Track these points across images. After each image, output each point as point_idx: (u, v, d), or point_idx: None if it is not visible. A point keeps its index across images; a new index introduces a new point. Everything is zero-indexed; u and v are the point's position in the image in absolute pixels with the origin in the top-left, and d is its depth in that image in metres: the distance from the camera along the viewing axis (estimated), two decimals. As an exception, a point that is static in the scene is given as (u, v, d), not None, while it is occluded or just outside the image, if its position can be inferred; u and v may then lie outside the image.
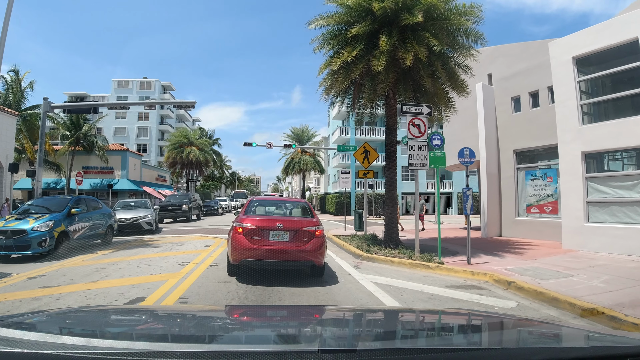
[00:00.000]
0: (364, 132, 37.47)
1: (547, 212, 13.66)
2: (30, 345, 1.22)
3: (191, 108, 18.56)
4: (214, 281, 6.32)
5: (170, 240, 12.19)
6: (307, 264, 6.51)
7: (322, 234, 6.64)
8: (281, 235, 6.34)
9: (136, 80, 59.77)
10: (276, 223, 6.44)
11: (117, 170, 35.08)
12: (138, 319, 2.11)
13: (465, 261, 8.77)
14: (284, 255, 6.25)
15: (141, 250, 9.83)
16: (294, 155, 41.63)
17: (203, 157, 41.30)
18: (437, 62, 10.09)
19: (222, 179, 71.35)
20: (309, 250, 6.35)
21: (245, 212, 7.14)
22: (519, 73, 14.57)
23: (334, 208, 35.87)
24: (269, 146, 29.97)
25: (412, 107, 9.56)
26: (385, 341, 1.77)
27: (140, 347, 1.28)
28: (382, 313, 2.93)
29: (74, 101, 49.73)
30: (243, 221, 6.51)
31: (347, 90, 11.55)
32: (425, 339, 1.84)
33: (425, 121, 9.67)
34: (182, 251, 9.73)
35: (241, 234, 6.31)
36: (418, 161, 9.37)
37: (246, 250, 6.19)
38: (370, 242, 11.08)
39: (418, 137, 9.51)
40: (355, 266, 8.35)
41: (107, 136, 54.25)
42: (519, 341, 1.76)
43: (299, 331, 1.94)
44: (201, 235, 14.08)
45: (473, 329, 2.06)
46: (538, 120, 13.68)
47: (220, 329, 1.95)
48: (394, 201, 10.79)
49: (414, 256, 8.98)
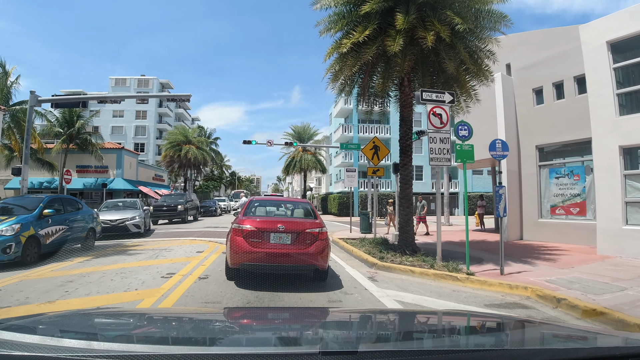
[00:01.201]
0: (367, 130, 36.21)
1: (573, 213, 12.47)
2: (29, 348, 1.21)
3: (186, 102, 17.43)
4: (201, 301, 5.10)
5: (158, 245, 10.91)
6: (310, 267, 6.22)
7: (326, 236, 6.31)
8: (283, 238, 6.01)
9: (134, 77, 58.52)
10: (277, 225, 6.10)
11: (112, 169, 33.88)
12: (138, 322, 2.05)
13: (495, 271, 7.59)
14: (285, 258, 5.93)
15: (122, 258, 8.60)
16: (295, 154, 40.35)
17: (201, 156, 40.08)
18: (460, 44, 8.91)
19: (221, 178, 70.26)
20: (312, 254, 6.02)
21: (245, 213, 6.79)
22: (541, 62, 13.40)
23: (336, 208, 34.63)
24: (269, 144, 28.82)
25: (432, 94, 8.38)
26: (387, 343, 1.75)
27: (141, 350, 1.26)
28: (384, 315, 2.88)
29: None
30: (242, 222, 6.18)
31: (356, 78, 10.34)
32: (426, 341, 1.82)
33: (447, 110, 8.49)
34: (169, 259, 8.47)
35: (240, 236, 5.97)
36: (440, 156, 8.18)
37: (246, 253, 5.85)
38: (383, 247, 9.88)
39: (440, 128, 8.33)
40: (370, 277, 7.13)
41: (104, 135, 53.13)
42: (521, 342, 1.76)
43: (300, 333, 1.92)
44: (194, 239, 12.77)
45: (474, 330, 2.04)
46: (563, 113, 12.52)
47: (221, 332, 1.92)
48: (410, 201, 9.58)
49: (436, 265, 7.78)
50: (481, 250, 10.63)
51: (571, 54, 12.33)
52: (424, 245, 10.40)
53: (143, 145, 56.36)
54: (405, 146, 9.71)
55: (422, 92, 8.26)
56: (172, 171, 44.45)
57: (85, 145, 30.61)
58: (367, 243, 10.81)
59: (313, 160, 39.42)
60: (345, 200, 34.71)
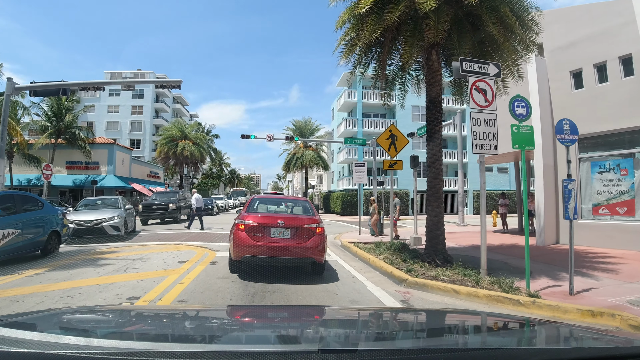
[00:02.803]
0: (372, 125, 34.41)
1: (620, 213, 10.76)
2: (30, 344, 1.21)
3: (177, 88, 15.63)
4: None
5: (135, 252, 9.07)
6: (307, 260, 6.58)
7: (322, 231, 6.70)
8: (282, 232, 6.40)
9: (129, 72, 56.60)
10: (277, 220, 6.48)
11: (104, 165, 32.13)
12: (139, 319, 2.03)
13: (559, 288, 5.94)
14: (285, 251, 6.32)
15: (82, 272, 6.63)
16: (296, 150, 38.52)
17: (198, 152, 38.33)
18: (503, 6, 7.21)
19: (220, 176, 68.59)
20: (310, 247, 6.41)
21: (247, 209, 7.21)
22: (580, 41, 11.68)
23: (340, 207, 32.84)
24: (269, 138, 27.07)
25: (474, 65, 6.68)
26: (386, 341, 1.72)
27: (141, 347, 1.26)
28: (383, 313, 2.88)
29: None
30: (245, 218, 6.56)
31: (374, 51, 8.62)
32: (425, 339, 1.79)
33: (492, 85, 6.78)
34: (141, 273, 6.72)
35: (243, 231, 6.36)
36: (485, 141, 6.48)
37: (248, 247, 6.25)
38: (405, 254, 8.17)
39: (484, 106, 6.63)
40: (403, 301, 5.40)
41: (99, 131, 51.47)
42: (521, 341, 1.73)
43: (300, 331, 1.90)
44: (181, 243, 10.89)
45: (474, 330, 2.02)
46: (607, 99, 10.83)
47: (221, 329, 1.90)
48: (440, 198, 7.87)
49: (482, 281, 6.07)
50: (518, 258, 8.90)
51: (615, 31, 10.67)
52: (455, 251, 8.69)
53: (139, 142, 54.49)
54: (433, 132, 7.99)
55: (462, 61, 6.55)
56: (167, 168, 42.71)
57: (75, 140, 28.88)
58: (385, 249, 9.11)
59: (315, 157, 37.61)
60: (349, 198, 32.94)
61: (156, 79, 15.34)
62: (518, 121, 6.14)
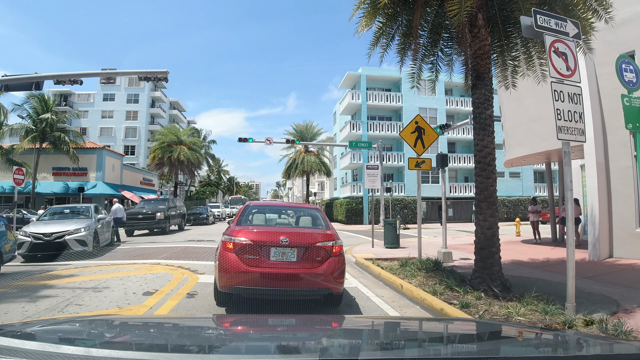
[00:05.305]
0: (377, 128, 32.58)
1: (692, 222, 8.88)
2: (29, 354, 1.19)
3: (163, 80, 13.89)
4: None
5: (93, 276, 7.02)
6: (321, 292, 4.92)
7: (341, 250, 5.03)
8: (287, 254, 4.73)
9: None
10: (279, 237, 4.76)
11: (92, 171, 30.24)
12: (138, 329, 1.99)
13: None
14: (290, 281, 4.70)
15: (2, 310, 4.74)
16: (297, 155, 36.62)
17: (194, 157, 36.41)
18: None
19: (219, 184, 66.69)
20: (325, 274, 4.74)
21: (239, 221, 5.43)
22: (633, 19, 9.93)
23: (344, 215, 30.87)
24: (268, 142, 25.30)
25: (550, 20, 4.87)
26: (387, 351, 1.66)
27: (140, 357, 1.25)
28: (384, 323, 2.81)
29: (59, 99, 44.57)
30: (235, 234, 4.86)
31: (401, 21, 6.81)
32: (427, 349, 1.71)
33: (574, 50, 4.95)
34: (83, 315, 4.61)
35: (232, 252, 4.70)
36: (570, 124, 4.65)
37: (239, 274, 4.61)
38: (447, 278, 6.23)
39: (567, 76, 4.83)
40: None
41: (93, 136, 49.57)
42: (522, 350, 1.70)
43: (300, 341, 1.82)
44: (159, 262, 8.83)
45: (476, 338, 1.96)
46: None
47: (220, 339, 1.84)
48: (494, 205, 5.98)
49: (575, 323, 4.16)
50: (582, 279, 6.89)
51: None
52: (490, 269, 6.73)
53: (134, 148, 52.58)
54: (483, 118, 6.13)
55: (535, 14, 4.72)
56: (162, 175, 40.79)
57: (60, 144, 27.01)
58: (415, 269, 7.19)
59: (317, 162, 35.70)
60: (354, 206, 31.02)
61: (139, 71, 13.45)
62: (627, 90, 4.28)
